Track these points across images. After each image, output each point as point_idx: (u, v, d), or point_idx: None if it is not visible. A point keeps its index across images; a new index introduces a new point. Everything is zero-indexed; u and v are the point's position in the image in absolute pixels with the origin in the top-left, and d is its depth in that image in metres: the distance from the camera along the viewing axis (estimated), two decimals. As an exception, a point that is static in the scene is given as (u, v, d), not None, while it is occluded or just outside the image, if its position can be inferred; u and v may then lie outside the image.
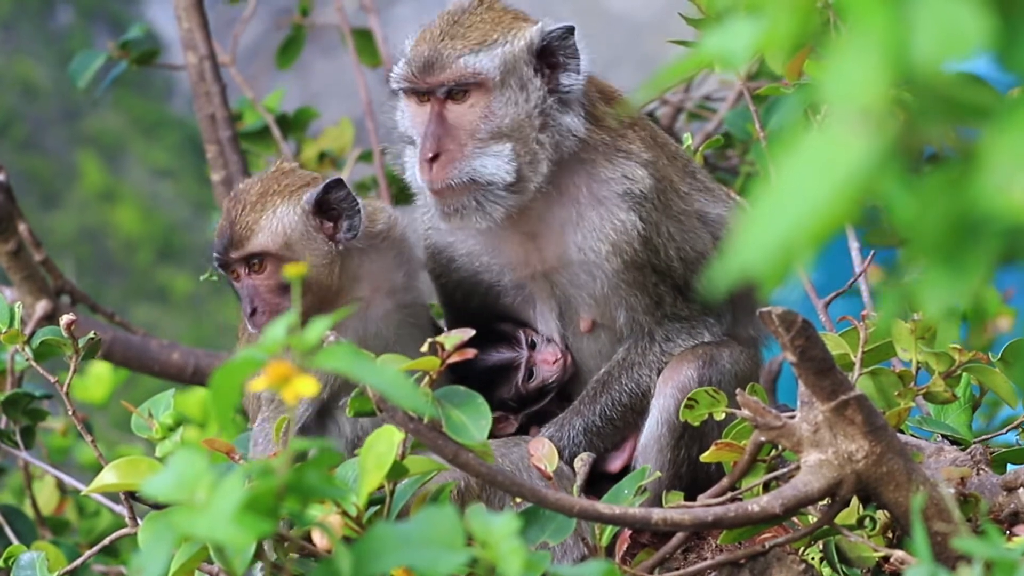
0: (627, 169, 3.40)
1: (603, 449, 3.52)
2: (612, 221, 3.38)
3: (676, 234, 3.45)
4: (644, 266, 3.41)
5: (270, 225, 3.34)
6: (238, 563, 2.45)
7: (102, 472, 2.94)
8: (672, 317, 3.47)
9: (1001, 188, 1.56)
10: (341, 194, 3.37)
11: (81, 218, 15.84)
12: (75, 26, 17.06)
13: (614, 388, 3.50)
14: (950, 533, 2.73)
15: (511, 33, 3.37)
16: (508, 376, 3.57)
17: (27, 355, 3.34)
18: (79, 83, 4.92)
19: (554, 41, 3.37)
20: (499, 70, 3.34)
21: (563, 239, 3.41)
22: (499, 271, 3.51)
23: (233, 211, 3.37)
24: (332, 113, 5.41)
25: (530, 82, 3.36)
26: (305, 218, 3.35)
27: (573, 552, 3.26)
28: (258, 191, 3.38)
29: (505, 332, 3.59)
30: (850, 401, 2.71)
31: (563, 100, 3.38)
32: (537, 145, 3.35)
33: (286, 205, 3.35)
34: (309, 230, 3.35)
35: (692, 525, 2.71)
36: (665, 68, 1.83)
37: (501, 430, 3.58)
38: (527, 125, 3.35)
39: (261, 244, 3.34)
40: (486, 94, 3.34)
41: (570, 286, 3.45)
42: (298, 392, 2.13)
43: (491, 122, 3.34)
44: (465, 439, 2.68)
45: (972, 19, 1.54)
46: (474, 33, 3.37)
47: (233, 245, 3.36)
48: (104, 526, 4.74)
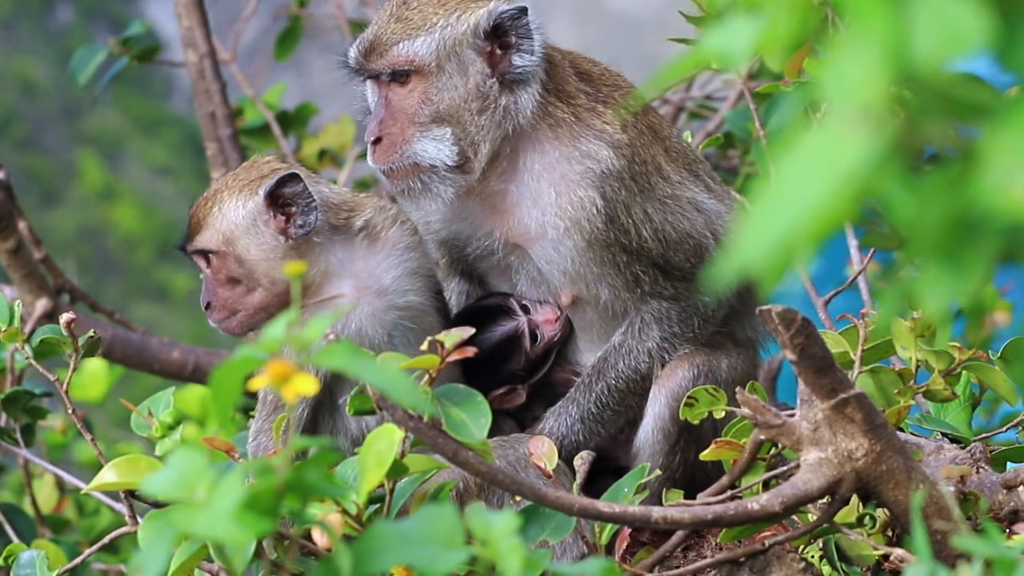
0: (590, 147, 3.40)
1: (606, 435, 3.52)
2: (570, 197, 3.39)
3: (656, 215, 3.43)
4: (611, 245, 3.40)
5: (215, 222, 3.36)
6: (238, 561, 2.45)
7: (102, 470, 2.94)
8: (655, 295, 3.45)
9: (1001, 187, 1.57)
10: (296, 188, 3.35)
11: (81, 216, 15.84)
12: (75, 24, 17.06)
13: (610, 375, 3.49)
14: (950, 531, 2.73)
15: (455, 15, 3.39)
16: (515, 346, 3.58)
17: (27, 353, 3.34)
18: (80, 79, 4.92)
19: (505, 21, 3.38)
20: (435, 55, 3.37)
21: (524, 215, 3.43)
22: (474, 239, 3.52)
23: (192, 206, 3.42)
24: (332, 110, 5.40)
25: (471, 64, 3.37)
26: (255, 212, 3.35)
27: (573, 550, 3.26)
28: (216, 187, 3.42)
29: (498, 305, 3.59)
30: (850, 399, 2.71)
31: (516, 80, 3.38)
32: (476, 128, 3.37)
33: (235, 200, 3.36)
34: (257, 224, 3.35)
35: (692, 523, 2.71)
36: (665, 66, 1.83)
37: (511, 402, 3.59)
38: (466, 109, 3.37)
39: (204, 241, 3.38)
40: (424, 78, 3.38)
41: (542, 261, 3.45)
42: (298, 391, 2.13)
43: (430, 106, 3.38)
44: (465, 437, 2.68)
45: (972, 18, 1.54)
46: (417, 16, 3.40)
47: (188, 239, 3.41)
48: (104, 524, 4.74)
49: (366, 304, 3.39)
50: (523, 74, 3.38)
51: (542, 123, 3.41)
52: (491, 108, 3.38)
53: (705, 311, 3.49)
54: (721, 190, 3.62)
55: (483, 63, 3.38)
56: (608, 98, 3.48)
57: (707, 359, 3.50)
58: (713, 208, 3.53)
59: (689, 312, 3.48)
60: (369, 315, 3.39)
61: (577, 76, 3.50)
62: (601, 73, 3.55)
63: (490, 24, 3.37)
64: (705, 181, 3.58)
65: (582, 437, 3.47)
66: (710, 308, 3.50)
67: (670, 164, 3.51)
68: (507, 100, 3.38)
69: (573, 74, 3.49)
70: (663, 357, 3.49)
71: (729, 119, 4.69)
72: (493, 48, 3.39)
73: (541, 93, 3.41)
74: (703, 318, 3.49)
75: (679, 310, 3.48)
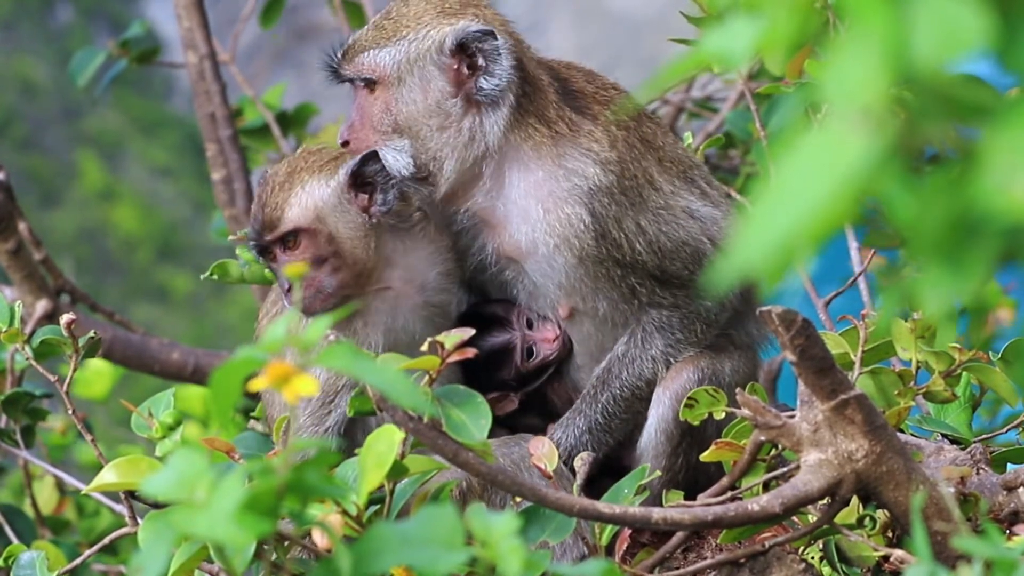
0: (576, 165, 3.40)
1: (614, 444, 3.53)
2: (557, 215, 3.39)
3: (649, 227, 3.44)
4: (604, 260, 3.41)
5: (300, 201, 3.36)
6: (238, 562, 2.45)
7: (102, 471, 2.94)
8: (655, 305, 3.46)
9: (1001, 187, 1.57)
10: (377, 166, 3.39)
11: (81, 217, 15.85)
12: (75, 25, 17.07)
13: (614, 384, 3.50)
14: (950, 532, 2.73)
15: (424, 30, 3.41)
16: (506, 359, 3.58)
17: (27, 354, 3.34)
18: (79, 81, 4.92)
19: (471, 43, 3.38)
20: (396, 67, 3.40)
21: (514, 230, 3.44)
22: (469, 252, 3.53)
23: (263, 194, 3.41)
24: (332, 110, 5.40)
25: (433, 81, 3.39)
26: (340, 190, 3.37)
27: (572, 551, 3.26)
28: (286, 171, 3.41)
29: (497, 315, 3.59)
30: (850, 400, 2.71)
31: (483, 103, 3.39)
32: (438, 144, 3.39)
33: (316, 179, 3.38)
34: (343, 202, 3.37)
35: (692, 524, 2.71)
36: (665, 67, 1.83)
37: (502, 408, 3.59)
38: (424, 124, 3.40)
39: (293, 220, 3.36)
40: (387, 89, 3.42)
41: (536, 275, 3.46)
42: (298, 391, 2.13)
43: (389, 116, 3.41)
44: (465, 438, 2.68)
45: (972, 19, 1.54)
46: (391, 27, 3.43)
47: (266, 227, 3.38)
48: (104, 525, 4.74)
49: (409, 299, 3.43)
50: (489, 97, 3.38)
51: (524, 144, 3.41)
52: (452, 127, 3.39)
53: (708, 316, 3.50)
54: (717, 194, 3.62)
55: (445, 81, 3.39)
56: (598, 116, 3.48)
57: (711, 361, 3.50)
58: (708, 214, 3.53)
59: (691, 318, 3.49)
60: (411, 309, 3.43)
61: (567, 96, 3.49)
62: (595, 91, 3.54)
63: (455, 43, 3.38)
64: (700, 187, 3.57)
65: (591, 448, 3.47)
66: (712, 312, 3.50)
67: (663, 175, 3.51)
68: (471, 121, 3.39)
69: (560, 95, 3.48)
70: (668, 362, 3.49)
71: (729, 120, 4.69)
72: (460, 67, 3.39)
73: (517, 115, 3.40)
74: (706, 323, 3.50)
75: (680, 317, 3.48)
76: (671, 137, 3.68)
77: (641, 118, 3.56)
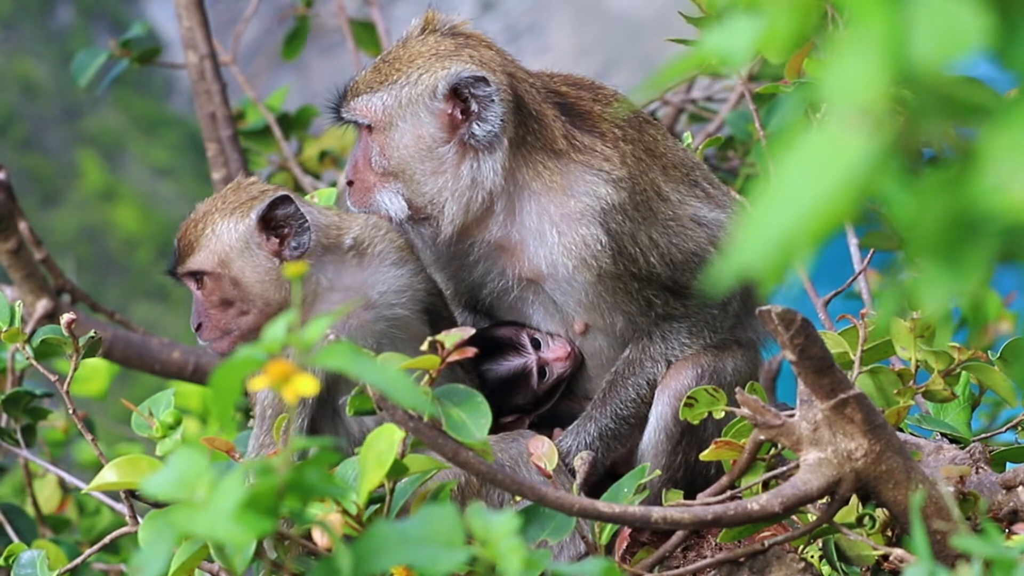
0: (588, 187, 3.39)
1: (623, 450, 3.53)
2: (572, 236, 3.38)
3: (660, 240, 3.44)
4: (622, 275, 3.41)
5: (207, 244, 3.36)
6: (238, 562, 2.46)
7: (103, 470, 2.94)
8: (668, 317, 3.48)
9: (1000, 187, 1.57)
10: (288, 210, 3.34)
11: (81, 217, 15.85)
12: (75, 25, 17.07)
13: (621, 388, 3.50)
14: (949, 531, 2.74)
15: (417, 74, 3.38)
16: (521, 383, 3.58)
17: (27, 354, 3.35)
18: (81, 81, 4.92)
19: (463, 88, 3.35)
20: (388, 112, 3.39)
21: (532, 253, 3.43)
22: (488, 281, 3.52)
23: (181, 228, 3.42)
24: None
25: (425, 126, 3.37)
26: (248, 234, 3.34)
27: (570, 548, 3.26)
28: (205, 209, 3.41)
29: (508, 338, 3.58)
30: (849, 399, 2.71)
31: (479, 148, 3.36)
32: (434, 189, 3.38)
33: (226, 222, 3.35)
34: (251, 247, 3.34)
35: (692, 523, 2.72)
36: (665, 67, 1.83)
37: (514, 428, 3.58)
38: (418, 168, 3.39)
39: (197, 263, 3.37)
40: (380, 132, 3.42)
41: (556, 294, 3.47)
42: (298, 391, 2.13)
43: (383, 160, 3.41)
44: (465, 437, 2.69)
45: (971, 18, 1.55)
46: (387, 69, 3.42)
47: (178, 261, 3.41)
48: (104, 524, 4.74)
49: (354, 317, 3.39)
50: (482, 143, 3.35)
51: (533, 182, 3.40)
52: (448, 172, 3.38)
53: (714, 323, 3.51)
54: (720, 193, 3.62)
55: (438, 127, 3.37)
56: (606, 133, 3.47)
57: (712, 361, 3.51)
58: (714, 218, 3.53)
59: (700, 326, 3.51)
60: (358, 327, 3.39)
61: (575, 119, 3.47)
62: (603, 110, 3.52)
63: (447, 87, 3.35)
64: (704, 188, 3.58)
65: (601, 454, 3.47)
66: (718, 320, 3.52)
67: (668, 183, 3.51)
68: (470, 166, 3.37)
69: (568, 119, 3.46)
70: (671, 363, 3.50)
71: (729, 120, 4.69)
72: (454, 112, 3.37)
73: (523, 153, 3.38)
74: (713, 329, 3.52)
75: (689, 325, 3.50)
76: (671, 140, 3.68)
77: (643, 125, 3.56)
